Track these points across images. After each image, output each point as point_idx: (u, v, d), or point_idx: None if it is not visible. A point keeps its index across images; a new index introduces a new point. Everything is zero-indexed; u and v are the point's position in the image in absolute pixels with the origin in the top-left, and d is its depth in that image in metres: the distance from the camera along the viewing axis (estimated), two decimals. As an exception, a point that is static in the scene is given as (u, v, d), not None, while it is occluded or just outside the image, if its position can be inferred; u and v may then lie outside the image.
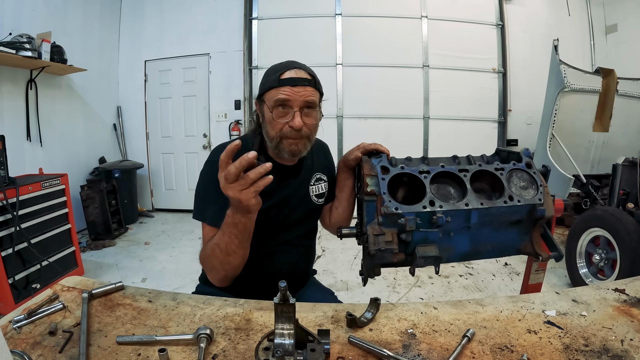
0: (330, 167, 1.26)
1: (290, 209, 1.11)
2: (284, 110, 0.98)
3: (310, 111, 1.01)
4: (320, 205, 1.20)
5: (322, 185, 1.20)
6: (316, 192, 1.18)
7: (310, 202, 1.16)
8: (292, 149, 1.01)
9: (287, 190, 1.10)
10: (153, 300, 0.87)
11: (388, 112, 4.75)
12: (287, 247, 1.13)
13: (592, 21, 5.02)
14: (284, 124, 0.99)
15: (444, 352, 0.69)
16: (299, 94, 0.97)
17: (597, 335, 0.73)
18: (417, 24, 4.74)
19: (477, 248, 0.92)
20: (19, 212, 2.39)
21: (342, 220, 1.22)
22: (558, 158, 3.19)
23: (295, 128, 0.98)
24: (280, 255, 1.12)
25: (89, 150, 4.38)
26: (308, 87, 0.99)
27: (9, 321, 0.76)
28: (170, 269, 3.20)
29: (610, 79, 3.26)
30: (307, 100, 0.99)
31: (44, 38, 3.26)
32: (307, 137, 1.02)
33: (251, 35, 4.80)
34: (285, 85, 0.97)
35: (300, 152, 1.03)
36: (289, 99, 0.97)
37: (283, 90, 0.97)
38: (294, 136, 0.99)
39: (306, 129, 1.00)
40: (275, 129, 1.00)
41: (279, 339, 0.65)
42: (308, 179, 1.16)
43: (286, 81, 0.98)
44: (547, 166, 0.97)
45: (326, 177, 1.22)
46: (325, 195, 1.21)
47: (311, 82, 1.01)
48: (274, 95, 0.98)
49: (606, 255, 2.56)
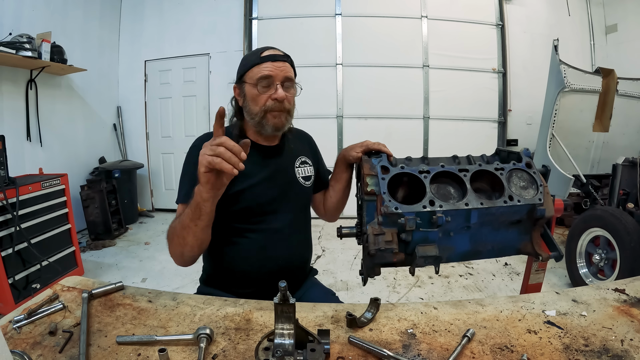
0: (316, 155, 1.31)
1: (277, 190, 1.12)
2: (267, 84, 1.04)
3: (289, 85, 1.07)
4: (308, 188, 1.22)
5: (307, 168, 1.23)
6: (302, 174, 1.20)
7: (297, 183, 1.18)
8: (275, 122, 1.07)
9: (268, 169, 1.12)
10: (153, 300, 0.87)
11: (388, 112, 4.75)
12: (282, 236, 1.12)
13: (592, 21, 5.02)
14: (267, 97, 1.04)
15: (444, 352, 0.69)
16: (280, 69, 1.05)
17: (597, 335, 0.73)
18: (417, 24, 4.74)
19: (477, 248, 0.92)
20: (19, 212, 2.39)
21: (336, 209, 1.30)
22: (558, 158, 3.19)
23: (279, 99, 1.04)
24: (273, 245, 1.10)
25: (89, 150, 4.38)
26: (286, 62, 1.08)
27: (9, 321, 0.76)
28: (170, 269, 3.20)
29: (610, 79, 3.26)
30: (287, 75, 1.06)
31: (44, 38, 3.26)
32: (287, 110, 1.08)
33: (251, 35, 4.80)
34: (266, 62, 1.05)
35: (283, 126, 1.09)
36: (271, 74, 1.04)
37: (264, 66, 1.04)
38: (277, 108, 1.05)
39: (287, 102, 1.07)
40: (259, 104, 1.05)
41: (279, 339, 0.65)
42: (292, 161, 1.20)
43: (267, 57, 1.05)
44: (547, 166, 0.97)
45: (311, 162, 1.25)
46: (313, 180, 1.24)
47: (288, 58, 1.10)
48: (257, 73, 1.04)
49: (606, 255, 2.56)
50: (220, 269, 1.15)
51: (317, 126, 3.80)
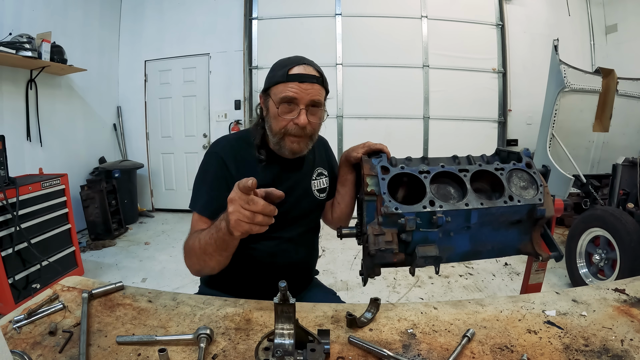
0: (330, 162, 1.26)
1: (292, 203, 1.10)
2: (290, 107, 0.97)
3: (315, 110, 1.00)
4: (322, 201, 1.20)
5: (323, 180, 1.19)
6: (318, 186, 1.17)
7: (312, 196, 1.16)
8: (294, 147, 1.01)
9: (288, 183, 1.09)
10: (153, 300, 0.87)
11: (388, 112, 4.75)
12: (290, 245, 1.12)
13: (592, 21, 5.02)
14: (288, 120, 0.98)
15: (444, 352, 0.69)
16: (306, 92, 0.97)
17: (597, 335, 0.73)
18: (417, 24, 4.74)
19: (477, 248, 0.92)
20: (19, 212, 2.39)
21: (345, 215, 1.21)
22: (558, 158, 3.19)
23: (300, 126, 0.97)
24: (283, 253, 1.10)
25: (89, 150, 4.38)
26: (315, 84, 0.98)
27: (9, 321, 0.76)
28: (170, 269, 3.20)
29: (610, 79, 3.26)
30: (313, 99, 0.98)
31: (44, 38, 3.26)
32: (309, 136, 1.02)
33: (251, 35, 4.80)
34: (293, 81, 0.96)
35: (301, 151, 1.03)
36: (296, 96, 0.96)
37: (290, 86, 0.96)
38: (297, 133, 0.99)
39: (310, 127, 1.00)
40: (280, 125, 0.99)
41: (279, 339, 0.65)
42: (310, 174, 1.16)
43: (294, 77, 0.97)
44: (547, 166, 0.97)
45: (327, 172, 1.21)
46: (327, 191, 1.21)
47: (319, 79, 1.00)
48: (281, 91, 0.97)
49: (606, 255, 2.56)
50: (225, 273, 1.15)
51: (317, 126, 3.79)
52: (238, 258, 1.10)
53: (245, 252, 1.09)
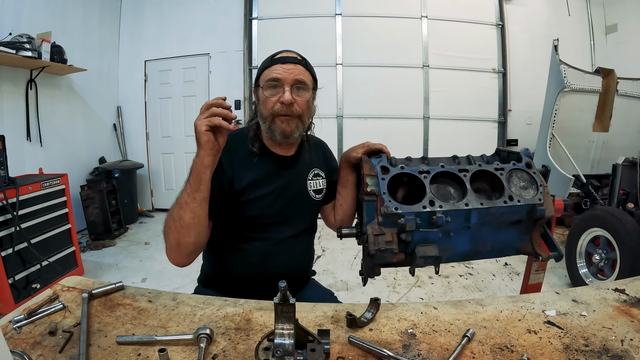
0: (329, 165, 1.25)
1: (287, 201, 1.10)
2: (276, 89, 1.01)
3: (301, 91, 1.03)
4: (318, 201, 1.19)
5: (319, 181, 1.19)
6: (314, 187, 1.17)
7: (307, 196, 1.15)
8: (283, 127, 1.02)
9: (282, 180, 1.10)
10: (153, 300, 0.87)
11: (388, 112, 4.75)
12: (285, 246, 1.11)
13: (592, 21, 5.02)
14: (275, 101, 1.01)
15: (444, 352, 0.69)
16: (289, 72, 1.01)
17: (597, 335, 0.73)
18: (417, 24, 4.74)
19: (477, 248, 0.92)
20: (19, 212, 2.39)
21: (348, 217, 1.22)
22: (558, 158, 3.19)
23: (286, 103, 0.99)
24: (278, 255, 1.10)
25: (89, 150, 4.38)
26: (298, 65, 1.03)
27: (9, 321, 0.76)
28: (170, 269, 3.20)
29: (610, 79, 3.26)
30: (297, 79, 1.01)
31: (44, 38, 3.26)
32: (298, 116, 1.03)
33: (251, 35, 4.80)
34: (276, 64, 1.02)
35: (292, 133, 1.04)
36: (280, 77, 1.01)
37: (274, 68, 1.02)
38: (285, 112, 1.01)
39: (297, 107, 1.02)
40: (268, 107, 1.02)
41: (279, 339, 0.65)
42: (305, 173, 1.16)
43: (277, 60, 1.03)
44: (547, 166, 0.97)
45: (324, 174, 1.21)
46: (324, 192, 1.20)
47: (301, 61, 1.05)
48: (267, 75, 1.03)
49: (606, 255, 2.56)
50: (219, 272, 1.15)
51: (317, 126, 3.79)
52: (231, 257, 1.10)
53: (238, 252, 1.09)
